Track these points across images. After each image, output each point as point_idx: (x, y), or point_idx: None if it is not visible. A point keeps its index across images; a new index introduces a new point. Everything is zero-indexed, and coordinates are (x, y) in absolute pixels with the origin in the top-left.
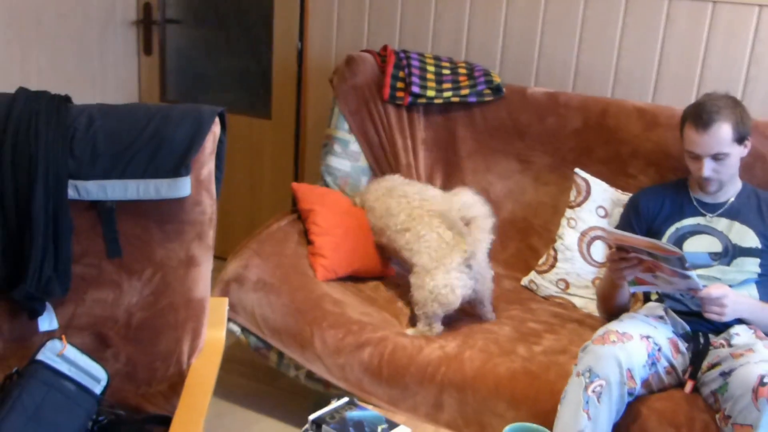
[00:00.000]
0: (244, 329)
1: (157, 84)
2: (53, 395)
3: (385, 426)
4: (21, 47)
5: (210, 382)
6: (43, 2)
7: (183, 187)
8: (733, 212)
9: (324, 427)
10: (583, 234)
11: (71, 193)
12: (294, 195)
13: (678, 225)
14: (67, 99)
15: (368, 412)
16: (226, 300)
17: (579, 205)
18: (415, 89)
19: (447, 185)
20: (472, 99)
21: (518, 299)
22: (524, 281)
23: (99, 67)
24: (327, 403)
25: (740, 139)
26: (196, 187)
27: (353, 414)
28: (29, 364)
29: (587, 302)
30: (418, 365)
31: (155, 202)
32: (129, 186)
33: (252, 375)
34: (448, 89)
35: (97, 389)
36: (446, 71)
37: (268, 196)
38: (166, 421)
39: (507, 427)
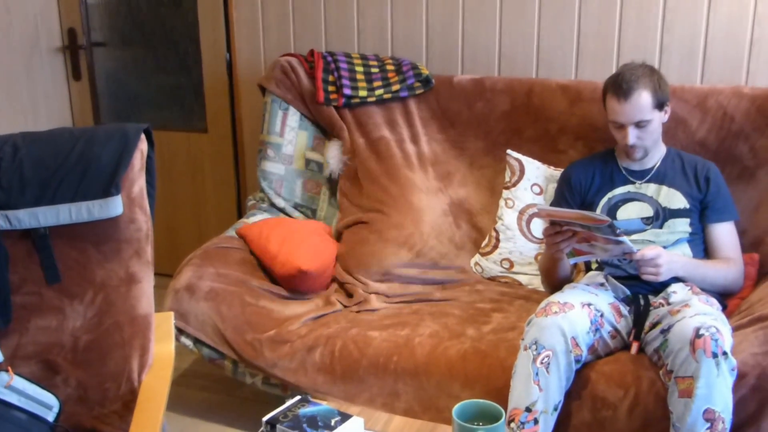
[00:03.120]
0: (196, 341)
1: (90, 108)
2: (4, 427)
3: (338, 419)
4: None
5: (162, 397)
6: None
7: (115, 206)
8: (660, 177)
9: (278, 426)
10: (521, 212)
11: (2, 224)
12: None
13: (610, 195)
14: None
15: (321, 406)
16: (171, 314)
17: (514, 185)
18: (347, 91)
19: (404, 172)
20: (404, 94)
21: (466, 282)
22: (471, 263)
23: (28, 97)
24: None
25: (660, 105)
26: (129, 205)
27: (306, 410)
28: None
29: (532, 278)
30: (370, 358)
31: (89, 224)
32: (61, 210)
33: (211, 387)
34: (379, 87)
35: (50, 417)
36: (375, 69)
37: (213, 209)
38: None
39: (456, 406)
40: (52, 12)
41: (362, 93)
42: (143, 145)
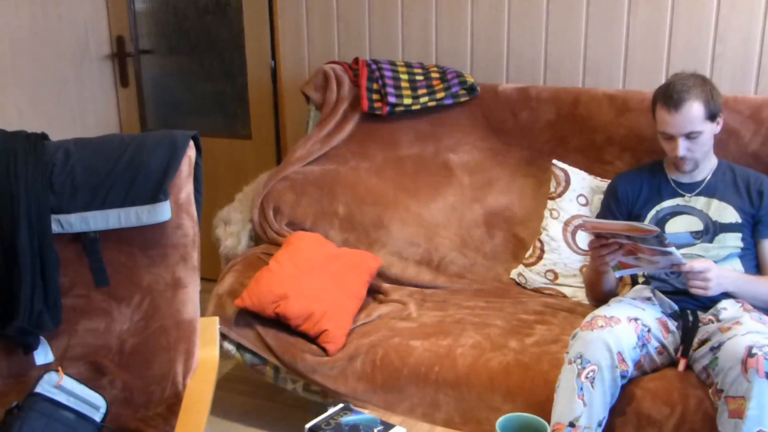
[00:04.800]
0: (239, 346)
1: (136, 115)
2: (54, 426)
3: (380, 428)
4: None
5: (206, 401)
6: (16, 45)
7: (163, 212)
8: (710, 190)
9: None
10: (567, 224)
11: (55, 228)
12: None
13: (658, 208)
14: (43, 136)
15: (364, 415)
16: (216, 319)
17: (560, 195)
18: (392, 99)
19: (433, 183)
20: (448, 101)
21: (507, 292)
22: (513, 274)
23: (78, 104)
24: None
25: (712, 117)
26: (176, 210)
27: (349, 419)
28: (27, 397)
29: (576, 291)
30: (411, 367)
31: (138, 229)
32: (110, 215)
33: (252, 392)
34: (423, 95)
35: (97, 417)
36: (419, 77)
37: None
38: None
39: (499, 419)
40: (101, 20)
41: (407, 101)
42: (191, 151)
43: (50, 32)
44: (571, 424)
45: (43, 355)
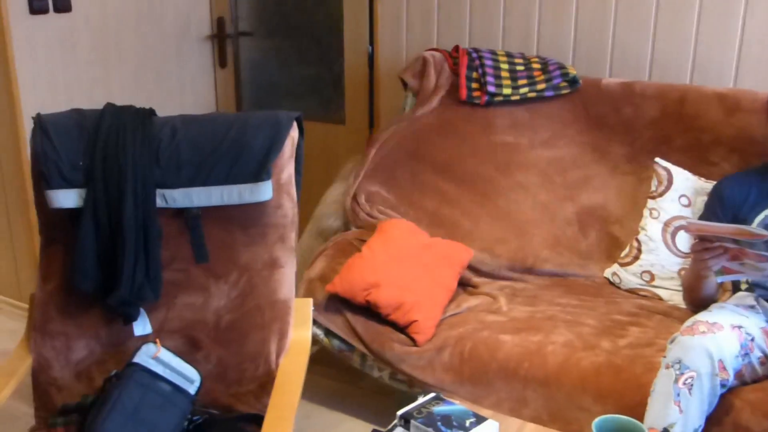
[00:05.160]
0: (327, 331)
1: (233, 95)
2: (150, 396)
3: (473, 420)
4: (104, 67)
5: (299, 381)
6: (122, 24)
7: (265, 191)
8: None
9: (412, 422)
10: (667, 224)
11: (159, 202)
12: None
13: (766, 212)
14: (151, 112)
15: (455, 406)
16: (310, 300)
17: (661, 195)
18: (491, 88)
19: (525, 177)
20: (549, 93)
21: (601, 292)
22: (607, 273)
23: (177, 82)
24: (412, 401)
25: None
26: (277, 190)
27: (440, 409)
28: (126, 366)
29: (673, 294)
30: (500, 361)
31: (239, 207)
32: (213, 192)
33: (337, 376)
34: (523, 85)
35: (191, 390)
36: (520, 67)
37: None
38: (258, 419)
39: (595, 420)
40: (203, 2)
41: (506, 91)
42: (294, 132)
43: (154, 12)
44: (665, 430)
45: (141, 326)
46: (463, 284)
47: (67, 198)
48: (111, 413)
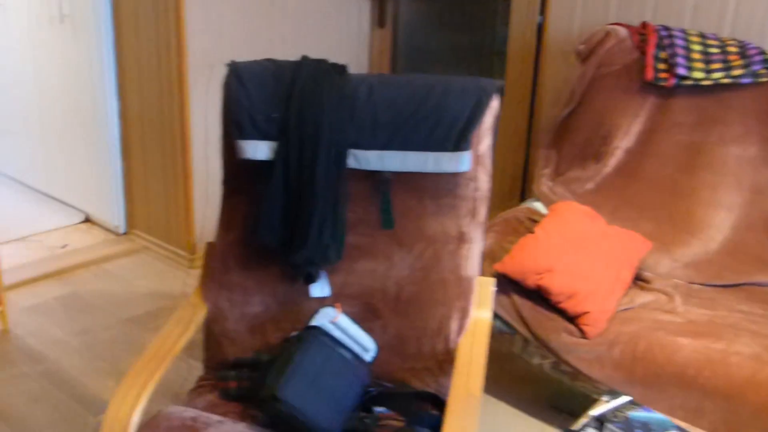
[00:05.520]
0: None
1: (388, 56)
2: (331, 362)
3: (675, 431)
4: (267, 19)
5: (480, 363)
6: None
7: (463, 161)
8: None
9: (608, 425)
10: None
11: (351, 163)
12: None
13: None
14: (343, 68)
15: (653, 414)
16: (493, 280)
17: None
18: (681, 70)
19: (710, 178)
20: (746, 80)
21: None
22: None
23: (335, 39)
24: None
25: None
26: (474, 162)
27: (637, 415)
28: (307, 329)
29: None
30: (677, 366)
31: (432, 176)
32: (409, 157)
33: (488, 358)
34: (717, 69)
35: (366, 359)
36: (714, 50)
37: (498, 173)
38: (435, 399)
39: None
40: None
41: (697, 74)
42: (495, 102)
43: None
44: None
45: (320, 288)
46: (635, 278)
47: (258, 149)
48: (292, 376)
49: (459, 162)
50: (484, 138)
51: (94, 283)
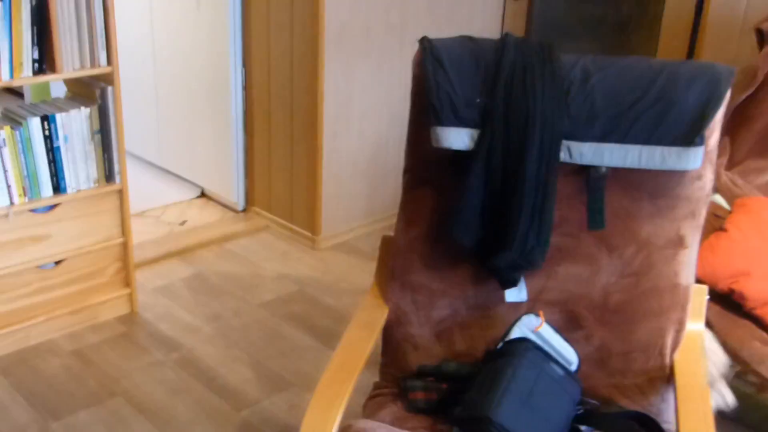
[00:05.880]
0: None
1: (522, 30)
2: (544, 379)
3: None
4: None
5: (705, 384)
6: None
7: (695, 158)
8: None
9: None
10: None
11: (562, 156)
12: None
13: None
14: (551, 46)
15: None
16: (705, 288)
17: None
18: None
19: None
20: None
21: None
22: None
23: (467, 11)
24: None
25: None
26: (702, 159)
27: None
28: (516, 341)
29: None
30: None
31: (651, 173)
32: (629, 151)
33: None
34: None
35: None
36: None
37: None
38: (647, 420)
39: None
40: None
41: None
42: (729, 91)
43: None
44: None
45: (516, 293)
46: None
47: (458, 138)
48: (506, 395)
49: (690, 159)
50: (715, 131)
51: (219, 264)
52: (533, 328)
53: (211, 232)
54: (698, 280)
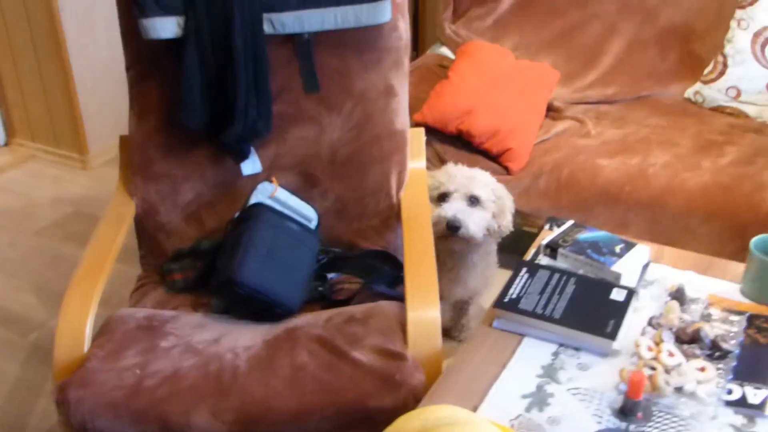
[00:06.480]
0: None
1: None
2: (281, 237)
3: (621, 246)
4: None
5: (426, 214)
6: None
7: (383, 11)
8: None
9: (560, 250)
10: (757, 35)
11: (267, 28)
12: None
13: None
14: None
15: (599, 233)
16: (422, 130)
17: (751, 3)
18: None
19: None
20: None
21: (686, 111)
22: (688, 93)
23: None
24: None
25: None
26: (393, 10)
27: (585, 236)
28: (251, 207)
29: (762, 110)
30: (600, 187)
31: (352, 32)
32: (326, 15)
33: None
34: None
35: (311, 228)
36: None
37: None
38: (386, 256)
39: (755, 239)
40: None
41: None
42: None
43: None
44: None
45: (251, 165)
46: (547, 109)
47: (164, 27)
48: (246, 256)
49: (380, 13)
50: None
51: None
52: (269, 194)
53: None
54: (430, 127)
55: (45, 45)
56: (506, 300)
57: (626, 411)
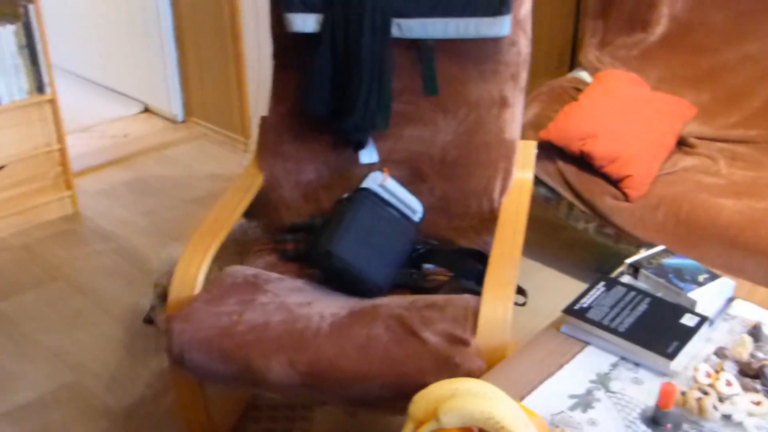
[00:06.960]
0: (535, 179)
1: None
2: (381, 221)
3: (706, 276)
4: None
5: (522, 221)
6: None
7: (502, 25)
8: None
9: (642, 271)
10: None
11: (394, 31)
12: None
13: None
14: None
15: (686, 261)
16: (534, 143)
17: None
18: None
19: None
20: None
21: None
22: None
23: None
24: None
25: None
26: (514, 26)
27: (671, 262)
28: (357, 191)
29: None
30: (719, 227)
31: (473, 42)
32: (449, 24)
33: (535, 226)
34: None
35: (415, 219)
36: None
37: (547, 44)
38: (479, 255)
39: None
40: None
41: None
42: None
43: None
44: None
45: (368, 155)
46: (679, 143)
47: (305, 22)
48: (346, 233)
49: (499, 26)
50: (525, 2)
51: (157, 169)
52: (379, 182)
53: (151, 142)
54: (553, 145)
55: (225, 39)
56: (576, 308)
57: (656, 420)
